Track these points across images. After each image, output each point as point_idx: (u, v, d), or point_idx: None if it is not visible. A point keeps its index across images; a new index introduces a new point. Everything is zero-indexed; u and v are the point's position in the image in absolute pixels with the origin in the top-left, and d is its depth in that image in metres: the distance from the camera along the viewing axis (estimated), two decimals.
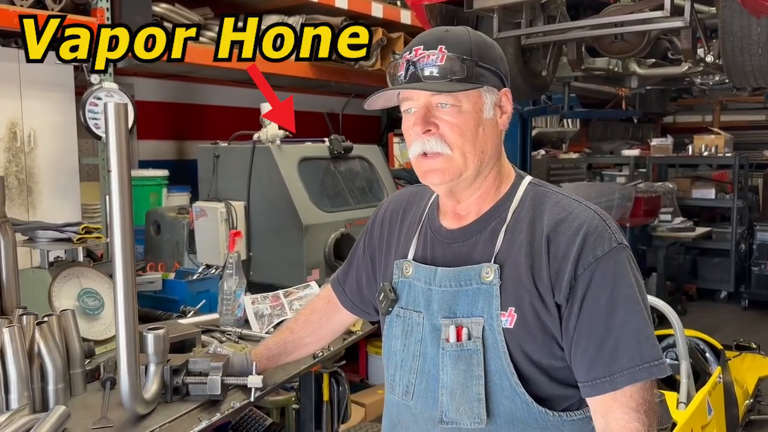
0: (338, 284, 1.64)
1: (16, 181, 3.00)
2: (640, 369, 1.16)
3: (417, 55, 1.24)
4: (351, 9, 4.27)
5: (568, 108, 5.38)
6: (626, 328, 1.18)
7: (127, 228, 1.29)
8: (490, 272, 1.24)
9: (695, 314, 6.81)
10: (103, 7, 3.08)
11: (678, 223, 6.75)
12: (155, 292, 2.35)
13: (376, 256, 1.51)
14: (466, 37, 1.26)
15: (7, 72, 2.94)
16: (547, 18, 3.66)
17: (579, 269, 1.19)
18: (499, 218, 1.29)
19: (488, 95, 1.27)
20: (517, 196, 1.30)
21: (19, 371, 1.38)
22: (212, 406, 1.58)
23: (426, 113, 1.24)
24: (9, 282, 1.60)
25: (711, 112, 10.31)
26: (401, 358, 1.35)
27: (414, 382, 1.31)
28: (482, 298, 1.24)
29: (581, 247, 1.20)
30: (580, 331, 1.19)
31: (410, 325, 1.34)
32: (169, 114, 4.54)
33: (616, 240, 1.22)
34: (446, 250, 1.33)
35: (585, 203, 1.28)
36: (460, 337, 1.25)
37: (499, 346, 1.22)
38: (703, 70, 4.06)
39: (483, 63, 1.25)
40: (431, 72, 1.22)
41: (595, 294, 1.19)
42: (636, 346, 1.17)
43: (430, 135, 1.24)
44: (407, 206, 1.47)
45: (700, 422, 2.82)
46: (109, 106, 1.24)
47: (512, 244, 1.25)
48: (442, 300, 1.28)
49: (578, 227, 1.22)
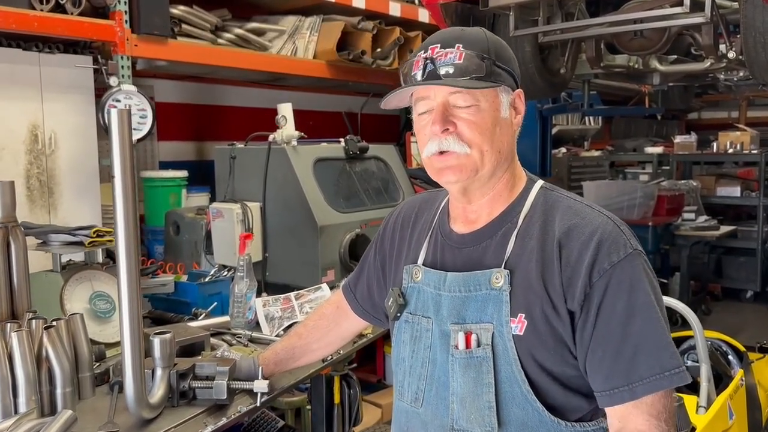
0: (349, 290, 1.64)
1: (38, 183, 3.04)
2: (660, 377, 1.14)
3: (434, 53, 1.23)
4: (368, 8, 4.26)
5: (588, 106, 5.31)
6: (644, 336, 1.16)
7: (131, 233, 1.30)
8: (500, 278, 1.23)
9: (720, 314, 6.69)
10: (121, 10, 3.11)
11: (702, 222, 6.63)
12: (168, 295, 2.37)
13: (386, 261, 1.50)
14: (482, 37, 1.26)
15: (28, 75, 2.99)
16: (564, 15, 3.61)
17: (594, 276, 1.17)
18: (510, 223, 1.28)
19: (504, 95, 1.27)
20: (529, 201, 1.29)
21: (27, 375, 1.40)
22: (218, 411, 1.58)
23: (444, 111, 1.23)
24: (20, 286, 1.63)
25: (737, 108, 10.12)
26: (410, 364, 1.34)
27: (423, 389, 1.30)
28: (492, 304, 1.23)
29: (596, 253, 1.18)
30: (597, 339, 1.17)
31: (419, 330, 1.33)
32: (188, 115, 4.57)
33: (631, 246, 1.20)
34: (456, 255, 1.32)
35: (598, 209, 1.26)
36: (470, 343, 1.24)
37: (509, 354, 1.20)
38: (726, 66, 3.97)
39: (499, 63, 1.25)
40: (449, 70, 1.21)
41: (611, 302, 1.17)
42: (655, 354, 1.15)
43: (448, 134, 1.22)
44: (419, 212, 1.47)
45: (720, 427, 2.77)
46: (112, 113, 1.25)
47: (523, 249, 1.24)
48: (452, 305, 1.27)
49: (591, 233, 1.20)
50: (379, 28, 4.35)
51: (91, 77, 3.22)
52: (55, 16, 2.89)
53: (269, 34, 4.04)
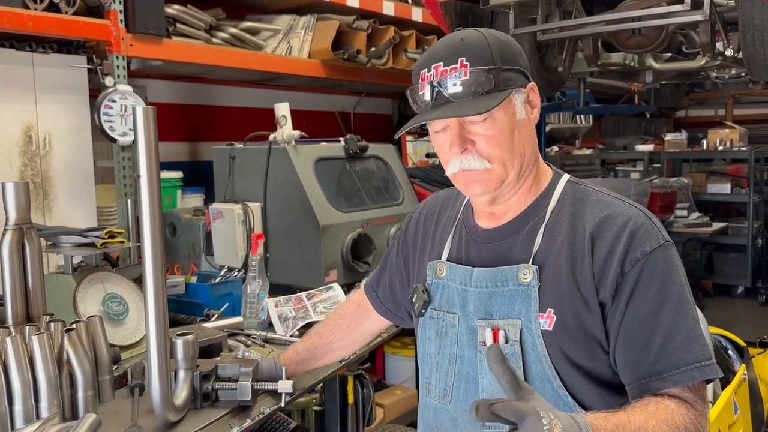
0: (371, 289, 1.62)
1: (32, 185, 2.99)
2: (692, 368, 1.13)
3: (438, 74, 1.20)
4: (362, 7, 4.25)
5: (583, 104, 5.34)
6: (676, 326, 1.14)
7: (157, 233, 1.27)
8: (528, 273, 1.21)
9: (712, 310, 6.76)
10: (116, 9, 3.07)
11: (694, 219, 6.69)
12: (178, 296, 2.34)
13: (409, 259, 1.48)
14: (484, 43, 1.21)
15: (22, 76, 2.94)
16: (563, 13, 3.62)
17: (626, 266, 1.16)
18: (538, 217, 1.27)
19: (517, 96, 1.24)
20: (556, 194, 1.28)
21: (49, 379, 1.36)
22: (242, 412, 1.56)
23: (461, 131, 1.21)
24: (35, 288, 1.59)
25: (724, 105, 10.23)
26: (436, 360, 1.32)
27: (452, 385, 1.29)
28: (519, 300, 1.21)
29: (628, 243, 1.17)
30: (626, 328, 1.16)
31: (444, 326, 1.31)
32: (182, 115, 4.53)
33: (663, 237, 1.19)
34: (482, 250, 1.30)
35: (628, 201, 1.25)
36: (497, 340, 1.22)
37: (539, 349, 1.19)
38: (721, 64, 4.00)
39: (507, 66, 1.21)
40: (457, 90, 1.18)
41: (643, 291, 1.16)
42: (687, 345, 1.13)
43: (468, 153, 1.21)
44: (442, 208, 1.45)
45: (726, 421, 2.78)
46: (138, 110, 1.22)
47: (552, 244, 1.23)
48: (478, 301, 1.26)
49: (624, 224, 1.19)
50: (374, 28, 4.34)
51: (85, 77, 3.17)
52: (49, 16, 2.85)
53: (264, 33, 4.01)
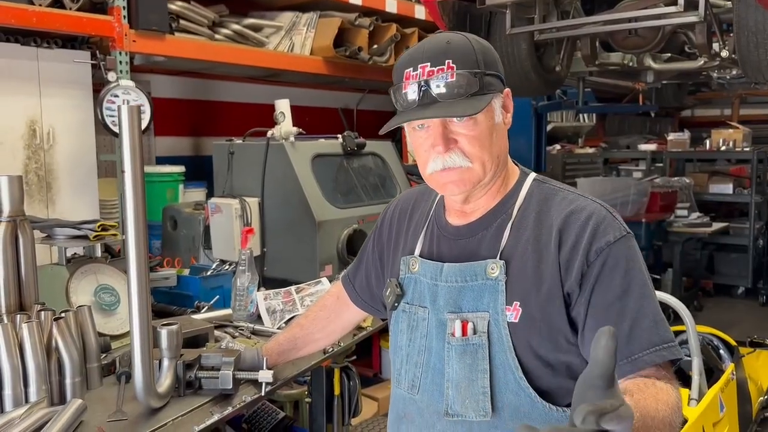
0: (348, 282, 1.67)
1: (36, 178, 3.06)
2: (660, 349, 1.17)
3: (425, 74, 1.23)
4: (365, 5, 4.28)
5: (582, 103, 5.35)
6: (642, 311, 1.19)
7: (141, 227, 1.32)
8: (495, 268, 1.26)
9: (712, 310, 6.76)
10: (119, 5, 3.13)
11: (695, 219, 6.68)
12: (170, 288, 2.39)
13: (384, 253, 1.53)
14: (469, 48, 1.25)
15: (26, 70, 2.99)
16: (560, 13, 3.65)
17: (591, 256, 1.21)
18: (505, 215, 1.31)
19: (497, 101, 1.29)
20: (522, 193, 1.33)
21: (38, 365, 1.42)
22: (224, 400, 1.61)
23: (444, 131, 1.24)
24: (28, 278, 1.65)
25: (730, 105, 10.19)
26: (407, 352, 1.37)
27: (420, 376, 1.33)
28: (487, 293, 1.26)
29: (593, 234, 1.22)
30: (594, 315, 1.20)
31: (416, 320, 1.36)
32: (185, 110, 4.58)
33: (625, 229, 1.25)
34: (452, 247, 1.35)
35: (591, 198, 1.31)
36: (466, 331, 1.26)
37: (504, 341, 1.23)
38: (719, 65, 4.02)
39: (489, 71, 1.26)
40: (442, 91, 1.22)
41: (608, 278, 1.20)
42: (654, 328, 1.18)
43: (450, 151, 1.24)
44: (415, 204, 1.50)
45: (711, 419, 2.81)
46: (123, 109, 1.28)
47: (518, 240, 1.27)
48: (448, 295, 1.30)
49: (588, 217, 1.24)
50: (376, 25, 4.37)
51: (89, 72, 3.23)
52: (53, 11, 2.90)
53: (266, 30, 4.05)
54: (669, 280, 6.37)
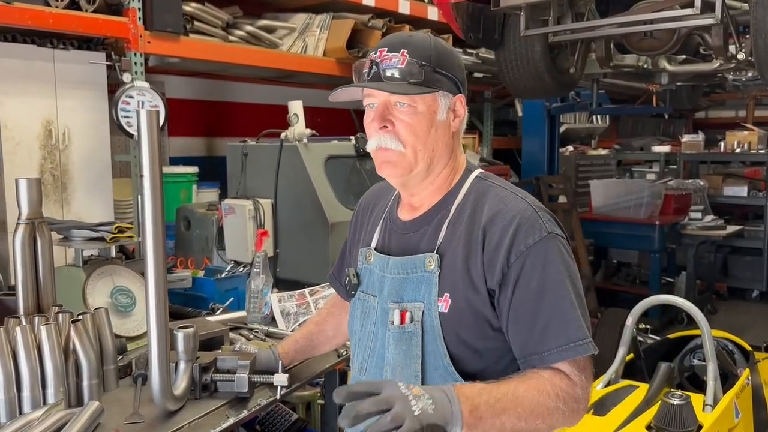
0: (334, 279, 1.74)
1: (51, 178, 3.08)
2: (566, 348, 1.26)
3: (381, 56, 1.33)
4: (378, 6, 4.29)
5: (596, 104, 5.33)
6: (554, 311, 1.28)
7: (159, 231, 1.33)
8: (431, 261, 1.34)
9: (726, 313, 6.71)
10: (135, 7, 3.15)
11: (709, 221, 6.63)
12: (185, 290, 2.40)
13: (352, 247, 1.61)
14: (427, 44, 1.35)
15: (43, 71, 3.02)
16: (575, 15, 3.63)
17: (512, 257, 1.29)
18: (445, 210, 1.40)
19: (443, 99, 1.36)
20: (462, 191, 1.40)
21: (56, 367, 1.43)
22: (239, 403, 1.62)
23: (384, 111, 1.33)
24: (45, 280, 1.66)
25: (745, 107, 10.11)
26: (359, 337, 1.48)
27: (367, 359, 1.44)
28: (424, 285, 1.35)
29: (513, 236, 1.29)
30: (514, 313, 1.29)
31: (368, 308, 1.46)
32: (199, 111, 4.61)
33: (546, 230, 1.31)
34: (399, 240, 1.45)
35: (522, 195, 1.38)
36: (404, 320, 1.37)
37: (435, 329, 1.33)
38: (735, 67, 3.99)
39: (440, 69, 1.34)
40: (392, 73, 1.32)
41: (526, 279, 1.28)
42: (563, 327, 1.26)
43: (386, 132, 1.33)
44: (377, 200, 1.58)
45: (727, 425, 2.79)
46: (142, 113, 1.29)
47: (453, 235, 1.36)
48: (392, 286, 1.40)
49: (511, 218, 1.31)
50: (389, 26, 4.37)
51: (104, 73, 3.25)
52: (70, 13, 2.93)
53: (280, 31, 4.07)
54: (682, 284, 6.32)
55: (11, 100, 2.91)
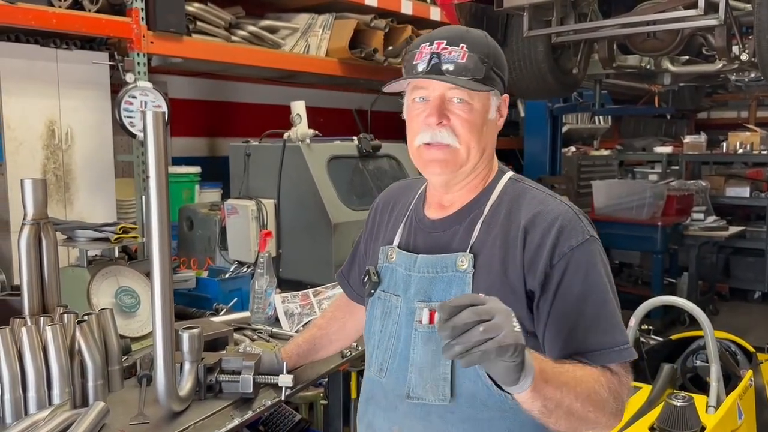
0: (343, 277, 1.73)
1: (54, 178, 3.08)
2: (610, 351, 1.24)
3: (440, 48, 1.30)
4: (380, 6, 4.28)
5: (598, 105, 5.33)
6: (598, 314, 1.26)
7: (165, 233, 1.33)
8: (464, 261, 1.32)
9: (728, 314, 6.70)
10: (138, 7, 3.15)
11: (711, 222, 6.62)
12: (189, 290, 2.40)
13: (369, 246, 1.58)
14: (485, 41, 1.34)
15: (46, 71, 3.02)
16: (578, 16, 3.63)
17: (554, 259, 1.27)
18: (478, 210, 1.37)
19: (494, 99, 1.36)
20: (496, 191, 1.39)
21: (61, 368, 1.44)
22: (244, 404, 1.62)
23: (441, 105, 1.30)
24: (51, 280, 1.66)
25: (747, 107, 10.10)
26: (379, 338, 1.43)
27: (388, 360, 1.40)
28: (456, 285, 1.32)
29: (557, 238, 1.28)
30: (554, 316, 1.26)
31: (389, 307, 1.42)
32: (201, 111, 4.61)
33: (589, 233, 1.31)
34: (427, 239, 1.41)
35: (560, 198, 1.36)
36: (433, 320, 1.30)
37: None
38: (738, 68, 3.98)
39: (496, 69, 1.33)
40: (450, 67, 1.29)
41: (569, 282, 1.26)
42: (609, 330, 1.25)
43: (442, 126, 1.30)
44: (397, 198, 1.56)
45: (730, 426, 2.79)
46: (148, 115, 1.29)
47: (488, 235, 1.33)
48: (419, 285, 1.37)
49: (553, 220, 1.29)
50: (391, 26, 4.37)
51: (107, 73, 3.25)
52: (73, 13, 2.93)
53: (282, 31, 4.07)
54: (684, 284, 6.32)
55: (14, 99, 2.91)
